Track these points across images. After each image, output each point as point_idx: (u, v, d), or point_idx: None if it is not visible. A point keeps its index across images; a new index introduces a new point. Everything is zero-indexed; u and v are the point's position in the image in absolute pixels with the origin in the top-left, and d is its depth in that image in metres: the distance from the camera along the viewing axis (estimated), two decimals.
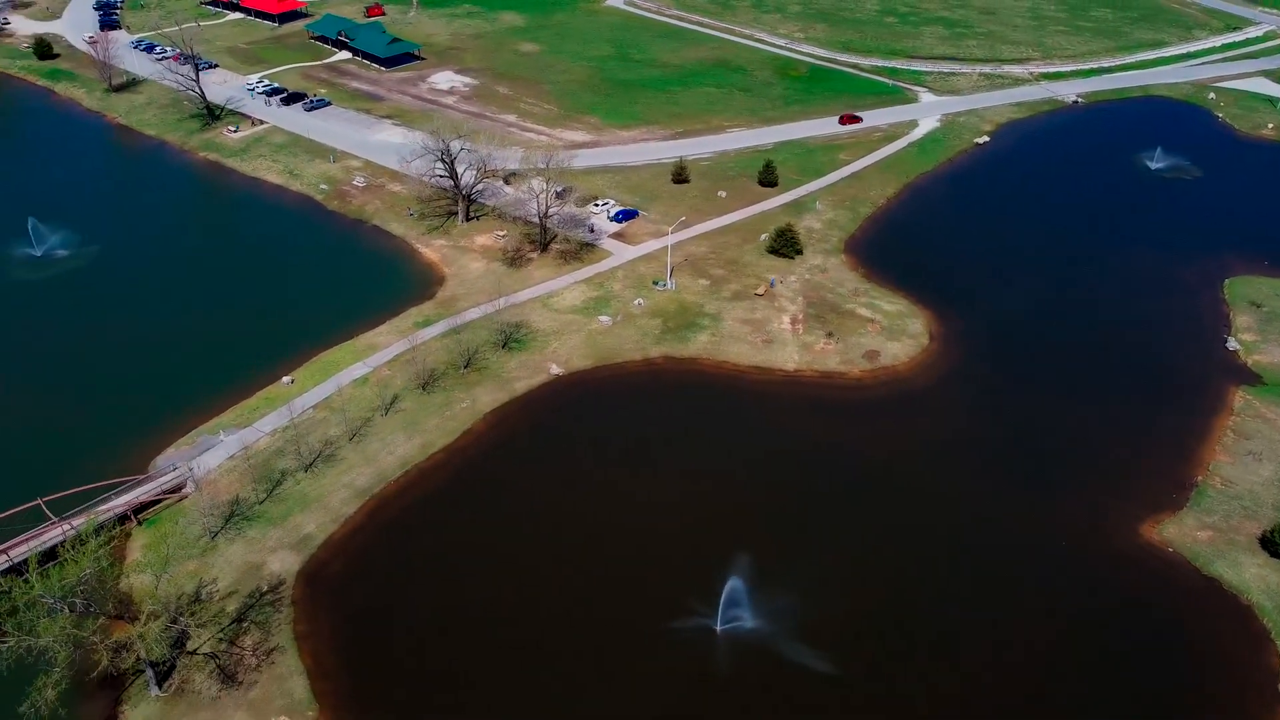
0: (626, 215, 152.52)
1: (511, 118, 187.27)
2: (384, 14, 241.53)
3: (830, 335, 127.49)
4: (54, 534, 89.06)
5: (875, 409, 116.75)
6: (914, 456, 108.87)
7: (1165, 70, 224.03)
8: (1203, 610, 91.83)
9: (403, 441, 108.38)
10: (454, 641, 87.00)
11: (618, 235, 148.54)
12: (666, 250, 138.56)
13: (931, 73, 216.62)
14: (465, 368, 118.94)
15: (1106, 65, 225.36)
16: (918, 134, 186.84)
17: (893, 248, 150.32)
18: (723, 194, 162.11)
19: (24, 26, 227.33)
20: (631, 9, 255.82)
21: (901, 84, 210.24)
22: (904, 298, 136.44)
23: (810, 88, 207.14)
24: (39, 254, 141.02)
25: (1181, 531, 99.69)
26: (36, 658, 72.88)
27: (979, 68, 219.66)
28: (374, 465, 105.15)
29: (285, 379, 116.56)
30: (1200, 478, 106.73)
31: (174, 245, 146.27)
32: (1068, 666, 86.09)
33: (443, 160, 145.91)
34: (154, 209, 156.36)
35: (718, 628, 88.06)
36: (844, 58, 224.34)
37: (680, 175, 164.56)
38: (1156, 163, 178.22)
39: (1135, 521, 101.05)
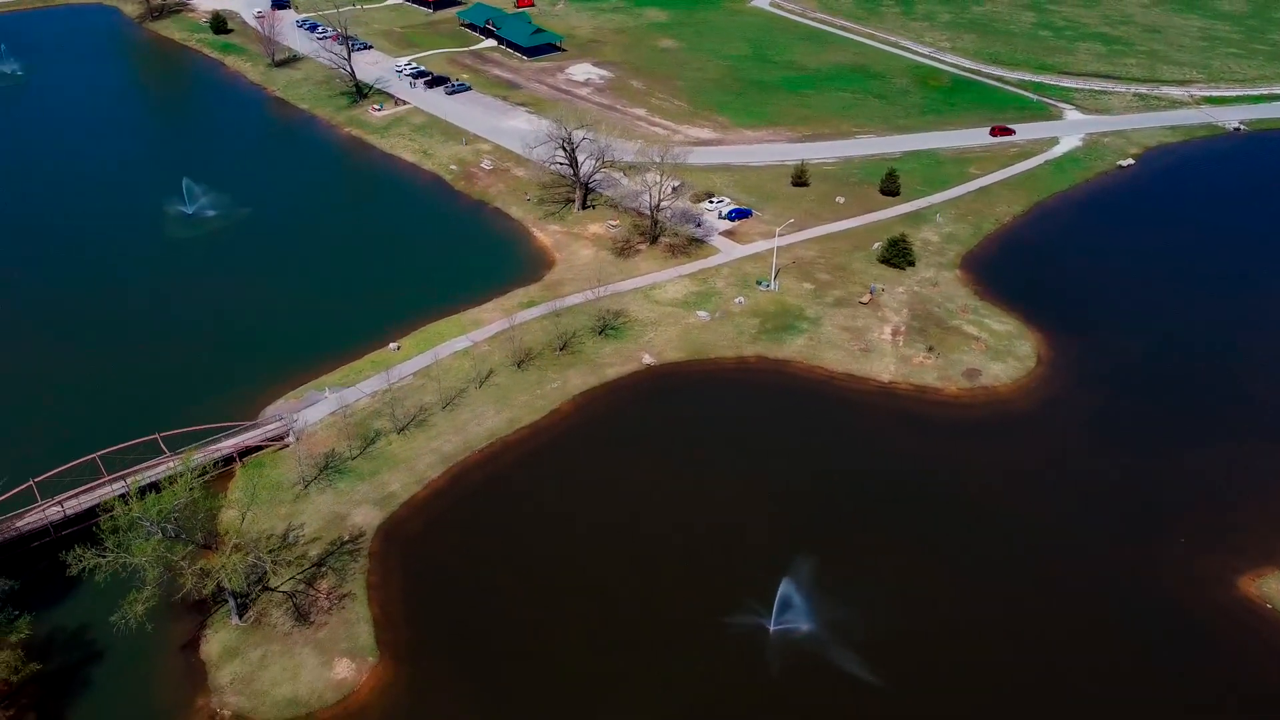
0: (740, 214, 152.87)
1: (641, 112, 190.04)
2: (533, 5, 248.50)
3: (931, 349, 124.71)
4: (166, 467, 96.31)
5: (968, 428, 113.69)
6: (1002, 482, 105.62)
7: None
8: None
9: (492, 414, 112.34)
10: (515, 610, 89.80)
11: (728, 233, 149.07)
12: (773, 251, 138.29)
13: (1081, 90, 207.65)
14: (561, 350, 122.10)
15: None
16: (1056, 152, 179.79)
17: (1012, 267, 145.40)
18: (841, 199, 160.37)
19: (205, 2, 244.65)
20: (776, 10, 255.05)
21: (1047, 100, 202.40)
22: (1016, 318, 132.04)
23: (949, 98, 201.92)
24: (190, 212, 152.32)
25: None
26: (130, 575, 79.70)
27: (1134, 87, 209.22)
28: (462, 434, 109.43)
29: (393, 345, 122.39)
30: None
31: (310, 213, 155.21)
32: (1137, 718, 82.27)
33: (564, 148, 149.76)
34: (296, 178, 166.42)
35: (771, 627, 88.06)
36: (989, 69, 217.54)
37: (800, 178, 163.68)
38: None
39: (1234, 573, 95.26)
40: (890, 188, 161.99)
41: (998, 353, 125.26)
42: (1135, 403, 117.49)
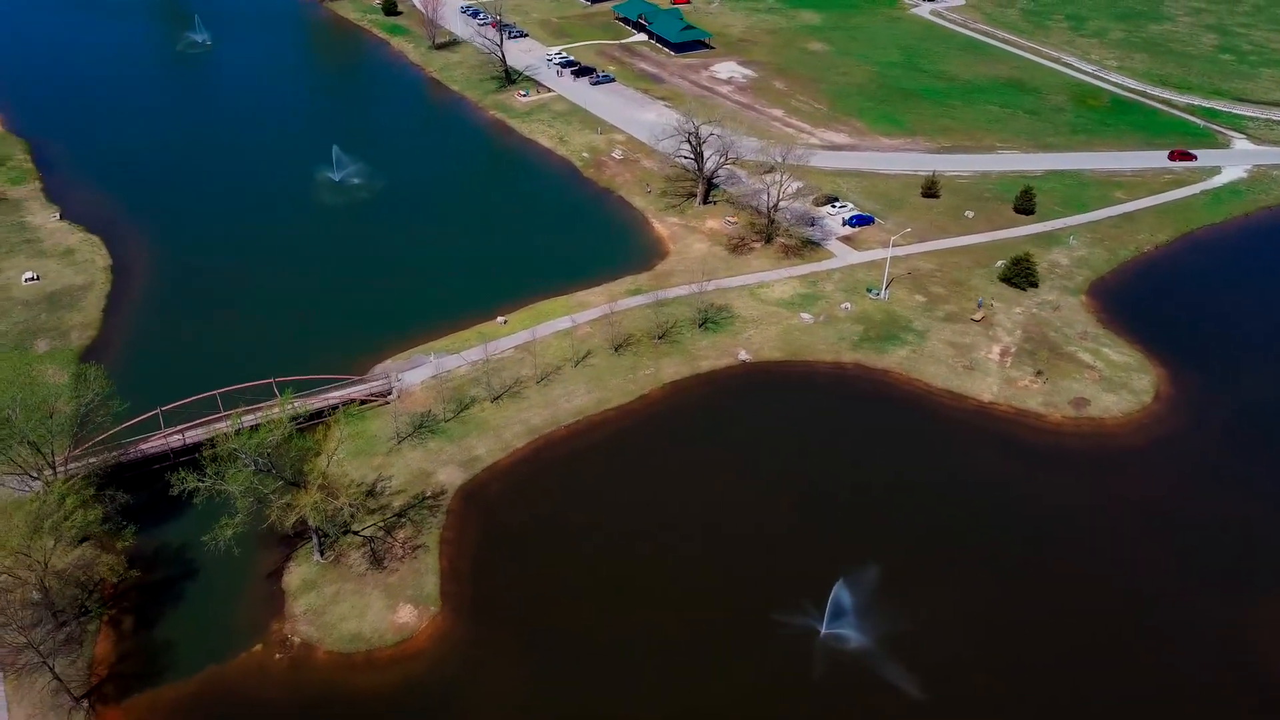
0: (861, 220, 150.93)
1: (778, 112, 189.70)
2: (688, 3, 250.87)
3: (1039, 374, 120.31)
4: (275, 409, 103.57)
5: (1065, 457, 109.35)
6: (1094, 517, 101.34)
7: None
8: None
9: (583, 393, 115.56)
10: (576, 583, 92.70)
11: (846, 239, 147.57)
12: (886, 259, 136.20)
13: (1256, 119, 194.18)
14: (659, 339, 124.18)
15: None
16: (1216, 182, 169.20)
17: (1144, 297, 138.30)
18: (970, 214, 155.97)
19: None
20: (936, 19, 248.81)
21: (1215, 127, 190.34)
22: (1138, 351, 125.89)
23: (1105, 119, 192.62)
24: (337, 179, 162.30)
25: None
26: (224, 501, 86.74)
27: None
28: (551, 409, 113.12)
29: (500, 319, 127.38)
30: None
31: (444, 189, 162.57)
32: None
33: (689, 142, 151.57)
34: (437, 155, 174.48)
35: (822, 630, 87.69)
36: (1156, 92, 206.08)
37: (930, 189, 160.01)
38: None
39: None
40: (1025, 206, 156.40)
41: (1112, 384, 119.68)
42: (1252, 452, 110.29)
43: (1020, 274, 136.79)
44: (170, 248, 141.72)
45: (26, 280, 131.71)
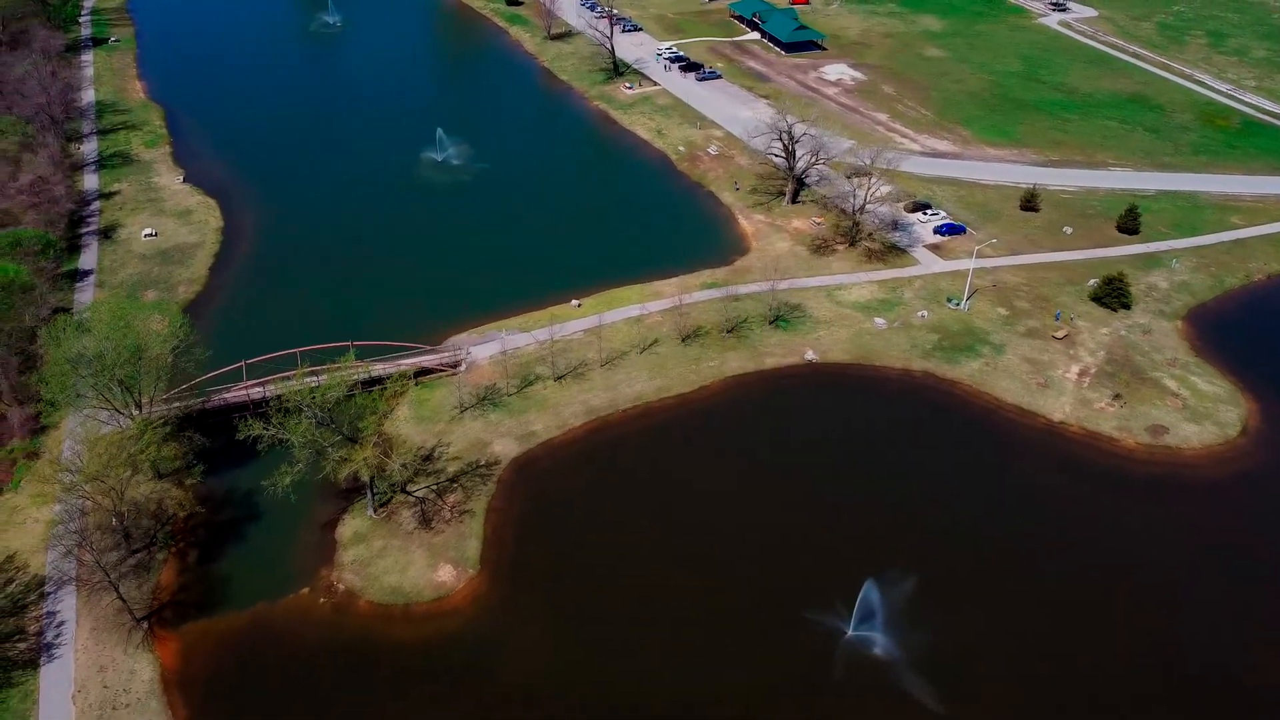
0: (952, 229, 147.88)
1: (882, 117, 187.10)
2: (807, 3, 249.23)
3: (1118, 397, 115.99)
4: (350, 370, 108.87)
5: (1132, 485, 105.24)
6: (1154, 550, 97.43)
7: None
8: None
9: (644, 380, 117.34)
10: (613, 561, 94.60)
11: (934, 247, 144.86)
12: (970, 269, 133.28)
13: None
14: (728, 333, 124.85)
15: None
16: None
17: (1246, 328, 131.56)
18: (1069, 230, 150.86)
19: None
20: (1063, 29, 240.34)
21: None
22: (1231, 382, 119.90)
23: (1233, 141, 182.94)
24: (439, 159, 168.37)
25: None
26: (287, 450, 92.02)
27: None
28: (611, 392, 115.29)
29: (574, 302, 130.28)
30: None
31: (541, 174, 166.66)
32: None
33: (781, 140, 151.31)
34: (537, 140, 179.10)
35: (849, 631, 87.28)
36: None
37: (1029, 202, 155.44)
38: None
39: None
40: (1129, 225, 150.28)
41: (1196, 414, 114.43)
42: None
43: (1112, 294, 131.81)
44: (278, 214, 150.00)
45: (146, 236, 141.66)
